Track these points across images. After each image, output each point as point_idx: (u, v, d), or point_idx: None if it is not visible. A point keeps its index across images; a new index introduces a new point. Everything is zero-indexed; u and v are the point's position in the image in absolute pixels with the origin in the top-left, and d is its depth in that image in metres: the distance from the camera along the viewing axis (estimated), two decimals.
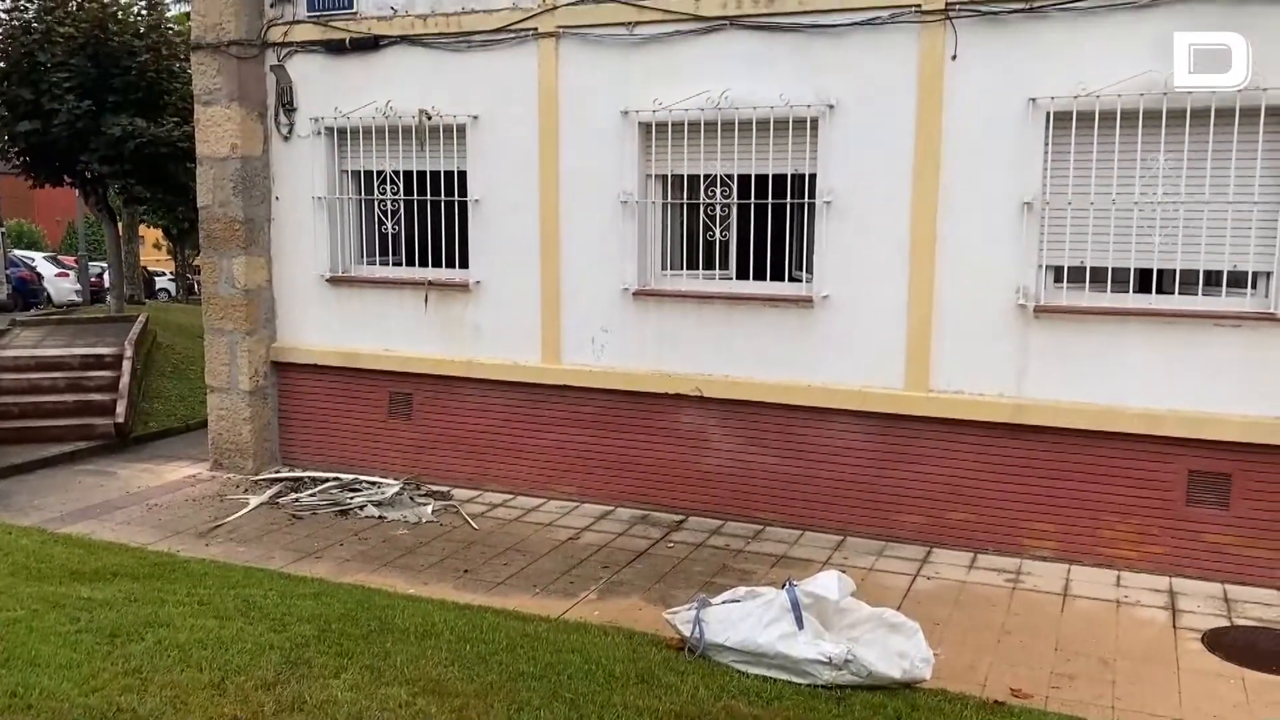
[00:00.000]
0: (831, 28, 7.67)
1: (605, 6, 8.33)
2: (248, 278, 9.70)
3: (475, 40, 8.83)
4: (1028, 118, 7.14)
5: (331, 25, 9.30)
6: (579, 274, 8.71)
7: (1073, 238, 7.18)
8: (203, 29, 9.49)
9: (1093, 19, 6.93)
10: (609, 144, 8.44)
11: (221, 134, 9.52)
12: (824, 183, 7.81)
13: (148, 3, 15.75)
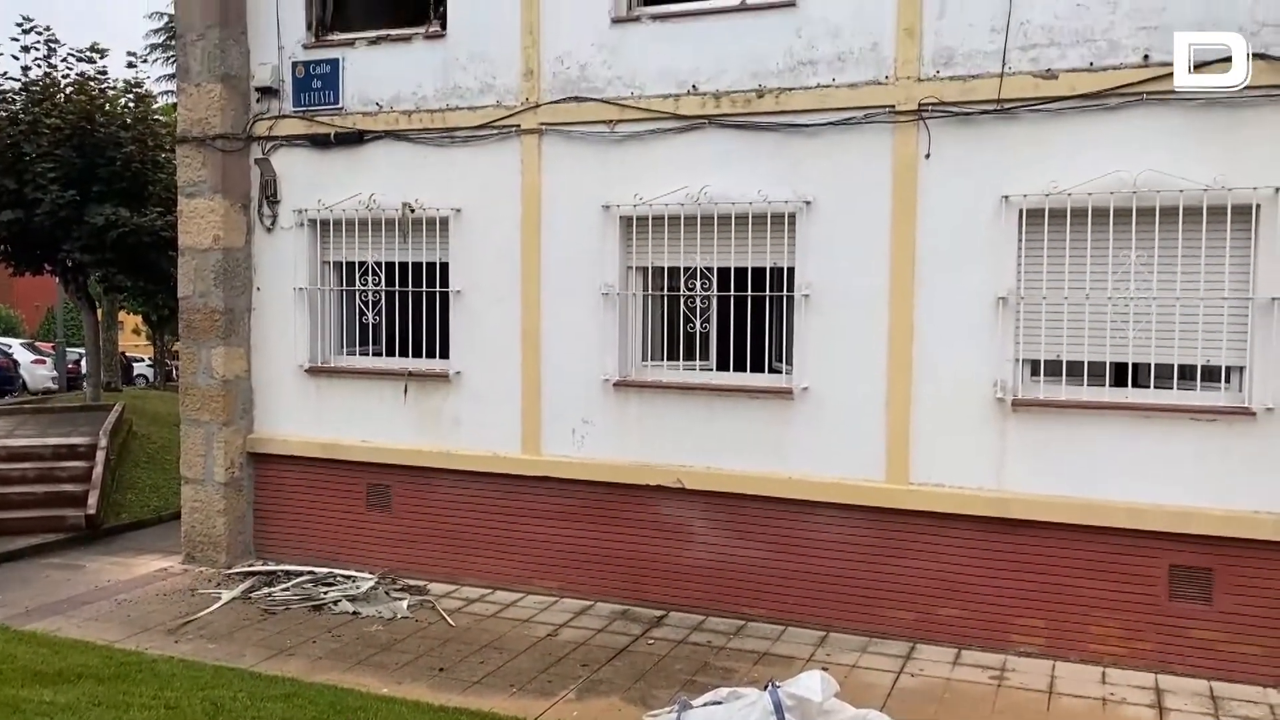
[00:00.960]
0: (807, 127, 7.84)
1: (587, 105, 8.50)
2: (226, 368, 9.66)
3: (459, 136, 8.97)
4: (1001, 214, 7.28)
5: (317, 120, 9.44)
6: (560, 365, 8.72)
7: (1048, 332, 7.26)
8: (189, 123, 9.61)
9: (1062, 120, 7.12)
10: (590, 237, 8.54)
11: (204, 225, 9.57)
12: (802, 276, 7.90)
13: (135, 95, 15.93)
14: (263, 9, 9.60)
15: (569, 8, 8.50)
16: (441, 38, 9.02)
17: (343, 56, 9.36)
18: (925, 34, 7.45)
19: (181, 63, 9.70)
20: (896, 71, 7.54)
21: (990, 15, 7.26)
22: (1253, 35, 6.63)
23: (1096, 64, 7.01)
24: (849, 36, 7.68)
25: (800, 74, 7.86)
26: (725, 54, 8.08)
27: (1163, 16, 6.84)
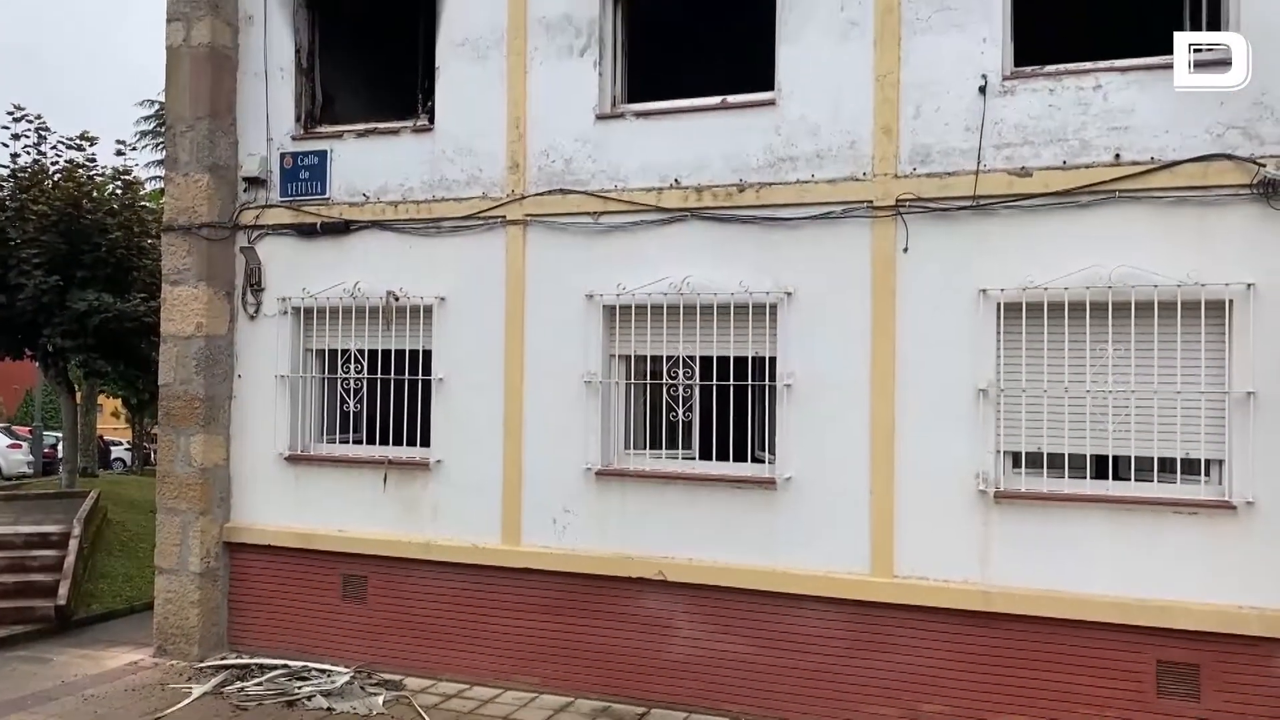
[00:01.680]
0: (788, 220, 7.96)
1: (571, 197, 8.62)
2: (205, 456, 9.57)
3: (445, 226, 9.06)
4: (979, 308, 7.37)
5: (304, 210, 9.53)
6: (541, 453, 8.68)
7: (1029, 424, 7.30)
8: (176, 211, 9.68)
9: (1037, 216, 7.27)
10: (573, 325, 8.58)
11: (187, 313, 9.58)
12: (784, 366, 7.94)
13: (123, 182, 16.06)
14: (253, 101, 9.76)
15: (555, 105, 8.68)
16: (429, 131, 9.18)
17: (331, 148, 9.50)
18: (902, 133, 7.63)
19: (170, 152, 9.80)
20: (874, 168, 7.71)
21: (965, 115, 7.46)
22: (1218, 137, 6.84)
23: (1069, 162, 7.19)
24: (827, 134, 7.86)
25: (780, 169, 8.02)
26: (707, 149, 8.24)
27: (1132, 118, 7.05)
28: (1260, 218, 6.74)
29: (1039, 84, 7.32)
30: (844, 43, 7.83)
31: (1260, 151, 6.75)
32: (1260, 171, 6.68)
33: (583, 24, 8.61)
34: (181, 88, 9.66)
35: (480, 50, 8.96)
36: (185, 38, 9.61)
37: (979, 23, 7.45)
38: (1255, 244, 6.76)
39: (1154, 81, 7.03)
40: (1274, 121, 6.74)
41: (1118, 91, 7.10)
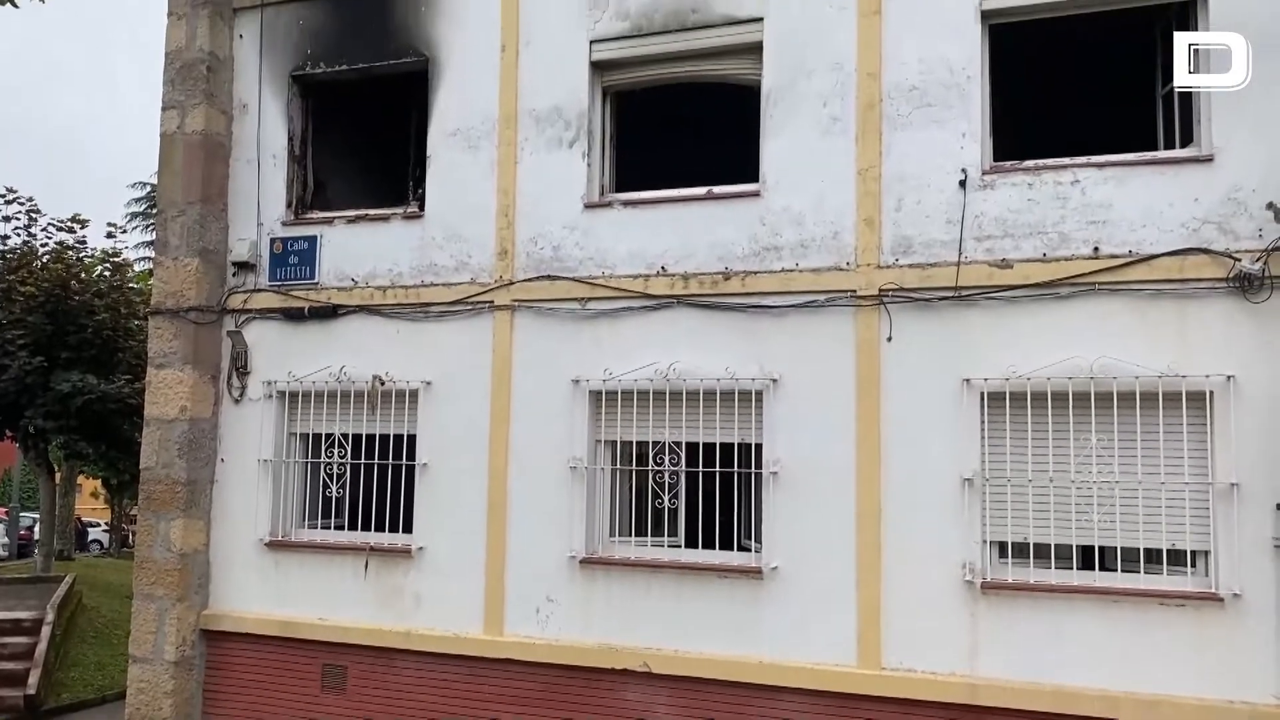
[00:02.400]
0: (773, 308, 8.04)
1: (559, 283, 8.70)
2: (184, 541, 9.44)
3: (433, 311, 9.11)
4: (963, 397, 7.42)
5: (292, 294, 9.58)
6: (525, 540, 8.60)
7: (1014, 514, 7.30)
8: (163, 295, 9.71)
9: (1018, 306, 7.36)
10: (559, 411, 8.58)
11: (172, 396, 9.54)
12: (770, 453, 7.94)
13: (112, 265, 16.16)
14: (245, 187, 9.88)
15: (544, 194, 8.81)
16: (419, 218, 9.28)
17: (321, 234, 9.59)
18: (884, 224, 7.77)
19: (160, 236, 9.88)
20: (857, 258, 7.82)
21: (945, 208, 7.60)
22: (1194, 232, 6.99)
23: (1049, 255, 7.32)
24: (811, 225, 7.99)
25: (765, 258, 8.13)
26: (693, 238, 8.36)
27: (1110, 213, 7.20)
28: (1238, 311, 6.86)
29: (1018, 179, 7.48)
30: (827, 137, 8.01)
31: (1235, 246, 6.89)
32: (1235, 266, 6.81)
33: (572, 116, 8.79)
34: (174, 174, 9.78)
35: (472, 140, 9.12)
36: (180, 125, 9.76)
37: (958, 119, 7.64)
38: (1234, 337, 6.86)
39: (1130, 177, 7.20)
40: (1247, 217, 6.90)
41: (1095, 187, 7.27)
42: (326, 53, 9.71)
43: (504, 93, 9.03)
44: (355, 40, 9.60)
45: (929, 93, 7.72)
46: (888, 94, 7.83)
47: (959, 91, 7.64)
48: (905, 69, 7.79)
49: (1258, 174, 6.90)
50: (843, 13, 7.99)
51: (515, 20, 9.01)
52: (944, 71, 7.68)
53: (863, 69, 7.90)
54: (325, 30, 9.73)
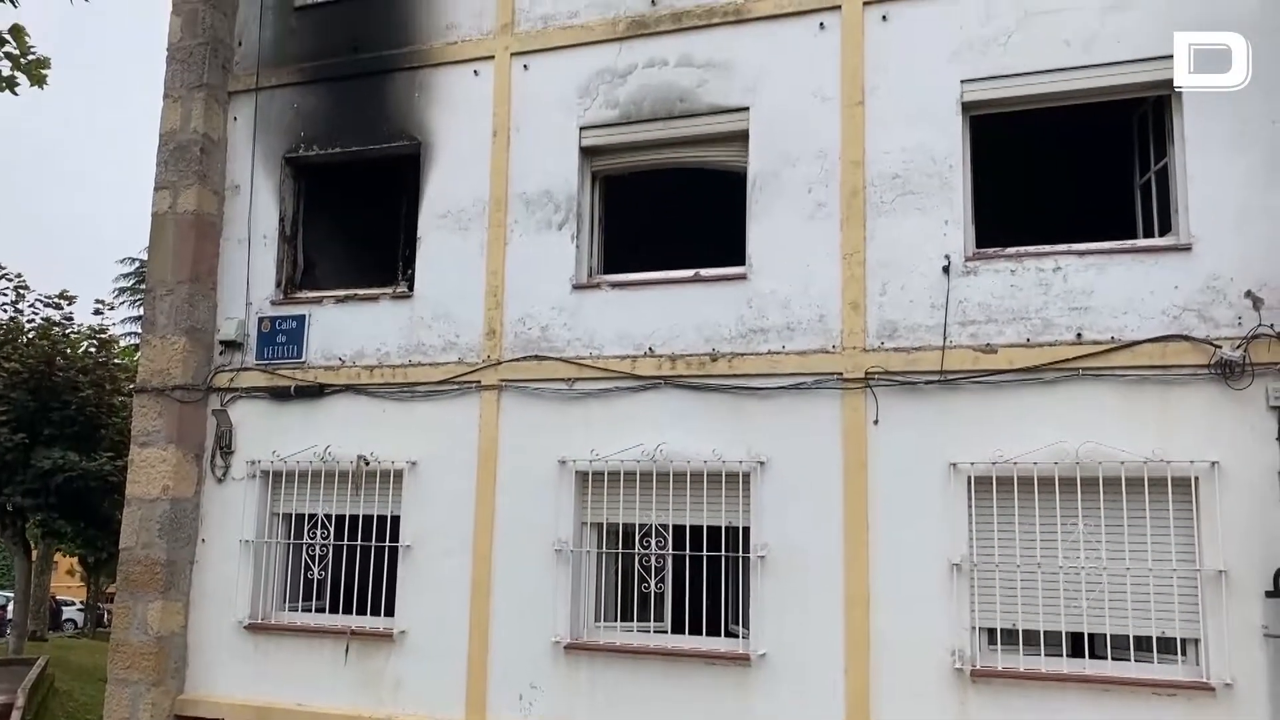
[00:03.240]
0: (760, 390, 8.07)
1: (547, 364, 8.72)
2: (162, 623, 9.27)
3: (420, 391, 9.10)
4: (950, 481, 7.42)
5: (278, 373, 9.57)
6: (509, 625, 8.47)
7: (1003, 600, 7.24)
8: (149, 374, 9.69)
9: (1003, 391, 7.41)
10: (545, 492, 8.53)
11: (154, 475, 9.46)
12: (757, 537, 7.89)
13: (98, 341, 16.14)
14: (234, 266, 9.93)
15: (533, 275, 8.89)
16: (408, 298, 9.33)
17: (309, 313, 9.62)
18: (869, 308, 7.84)
19: (148, 315, 9.88)
20: (843, 341, 7.88)
21: (930, 293, 7.69)
22: (1175, 319, 7.08)
23: (1033, 340, 7.39)
24: (797, 308, 8.06)
25: (752, 340, 8.18)
26: (681, 320, 8.41)
27: (1092, 299, 7.30)
28: (1221, 397, 6.91)
29: (1001, 265, 7.59)
30: (812, 222, 8.12)
31: (1215, 333, 6.98)
32: (1216, 353, 6.89)
33: (562, 200, 8.91)
34: (164, 253, 9.83)
35: (462, 222, 9.22)
36: (171, 205, 9.85)
37: (940, 206, 7.77)
38: (1217, 423, 6.90)
39: (1111, 265, 7.32)
40: (1226, 305, 7.00)
41: (1077, 273, 7.38)
42: (320, 136, 9.86)
43: (495, 176, 9.15)
44: (349, 124, 9.75)
45: (912, 181, 7.86)
46: (871, 181, 7.97)
47: (941, 180, 7.79)
48: (888, 158, 7.94)
49: (1235, 263, 7.01)
50: (826, 103, 8.17)
51: (507, 107, 9.18)
52: (926, 160, 7.84)
53: (846, 157, 8.06)
54: (319, 114, 9.89)
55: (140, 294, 32.49)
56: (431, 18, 9.58)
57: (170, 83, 10.07)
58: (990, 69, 7.77)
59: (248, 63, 10.20)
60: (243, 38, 10.28)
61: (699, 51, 8.66)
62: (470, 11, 9.46)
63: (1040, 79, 7.66)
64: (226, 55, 10.21)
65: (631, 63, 8.86)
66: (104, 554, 23.19)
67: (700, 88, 8.62)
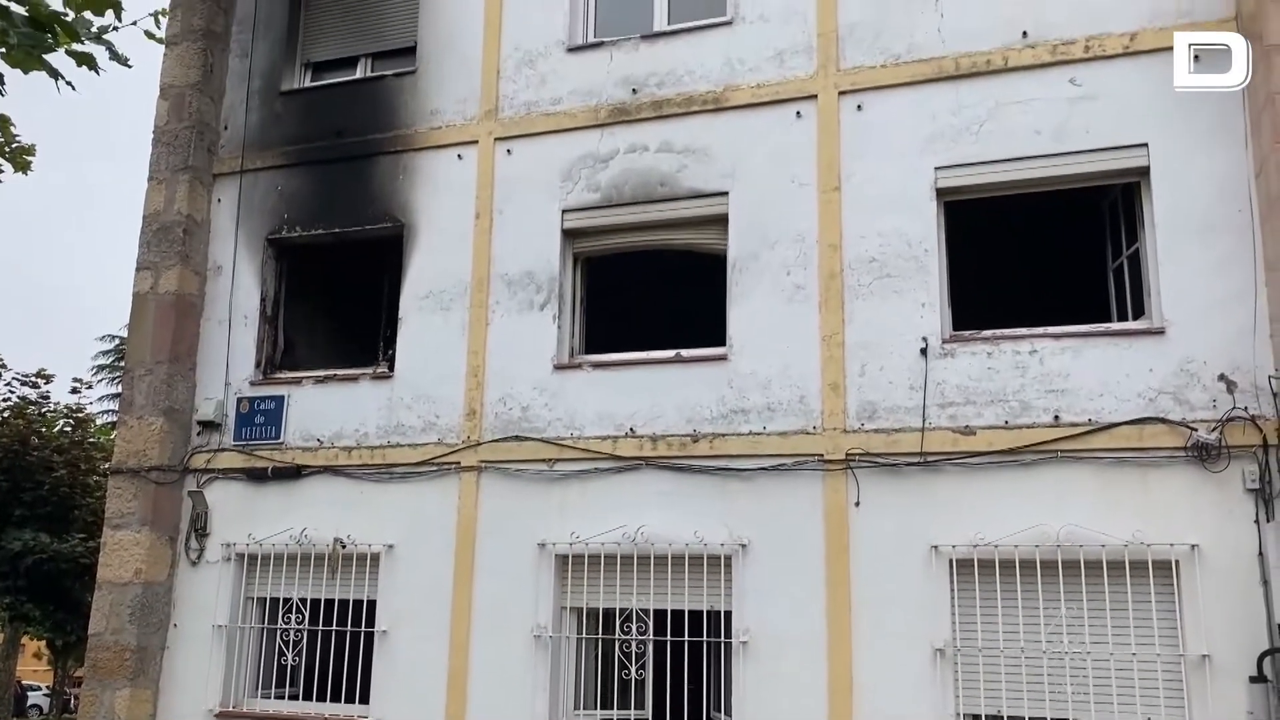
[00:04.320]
0: (742, 471, 8.05)
1: (527, 444, 8.69)
2: (130, 712, 9.01)
3: (398, 472, 9.04)
4: (932, 564, 7.38)
5: (256, 454, 9.48)
6: (486, 713, 8.27)
7: (987, 685, 7.16)
8: (125, 454, 9.58)
9: (983, 473, 7.42)
10: (524, 575, 8.42)
11: (127, 558, 9.29)
12: (739, 622, 7.80)
13: (75, 420, 15.98)
14: (214, 347, 9.90)
15: (514, 355, 8.90)
16: (388, 379, 9.32)
17: (289, 394, 9.58)
18: (849, 389, 7.88)
19: (126, 395, 9.82)
20: (824, 422, 7.90)
21: (908, 375, 7.75)
22: (1150, 401, 7.15)
23: (1011, 422, 7.43)
24: (778, 389, 8.09)
25: (733, 421, 8.19)
26: (662, 400, 8.42)
27: (1068, 381, 7.37)
28: (1199, 480, 6.94)
29: (978, 347, 7.66)
30: (791, 304, 8.20)
31: (1191, 416, 7.04)
32: (1193, 435, 6.94)
33: (544, 280, 8.97)
34: (144, 333, 9.80)
35: (444, 302, 9.26)
36: (153, 285, 9.85)
37: (917, 289, 7.87)
38: (1196, 506, 6.92)
39: (1086, 348, 7.40)
40: (1201, 388, 7.07)
41: (1053, 356, 7.45)
42: (303, 217, 9.93)
43: (477, 257, 9.22)
44: (332, 206, 9.84)
45: (889, 264, 7.97)
46: (849, 265, 8.08)
47: (918, 264, 7.90)
48: (865, 242, 8.06)
49: (1208, 347, 7.10)
50: (803, 189, 8.31)
51: (490, 190, 9.29)
52: (902, 245, 7.96)
53: (824, 240, 8.17)
54: (303, 196, 9.97)
55: (119, 371, 32.30)
56: (416, 103, 9.74)
57: (155, 165, 10.15)
58: (963, 156, 7.94)
59: (233, 146, 10.31)
60: (228, 122, 10.41)
61: (679, 138, 8.82)
62: (455, 98, 9.63)
63: (1012, 166, 7.83)
64: (212, 139, 10.32)
65: (613, 148, 9.00)
66: (73, 637, 22.60)
67: (680, 172, 8.76)
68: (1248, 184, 7.19)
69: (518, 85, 9.44)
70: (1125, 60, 7.67)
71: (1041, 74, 7.85)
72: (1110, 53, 7.69)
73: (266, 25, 10.52)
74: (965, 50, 8.07)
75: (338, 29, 10.54)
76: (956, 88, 8.05)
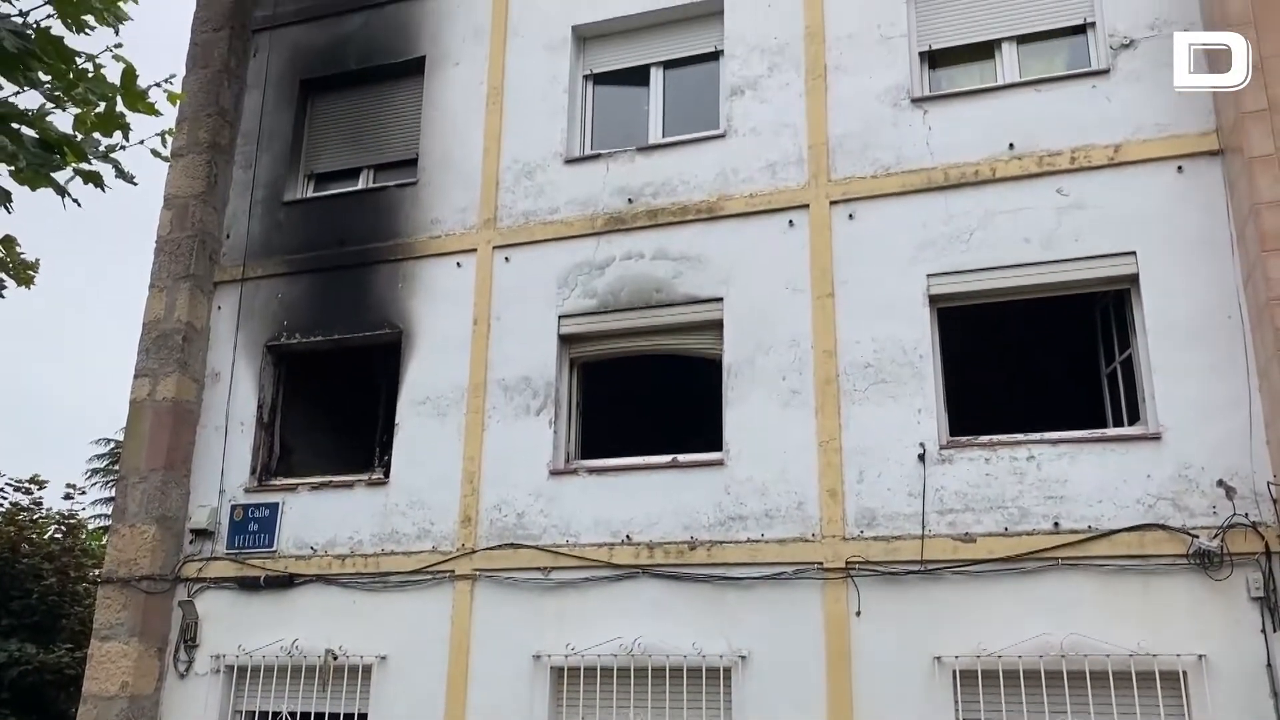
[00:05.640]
0: (740, 580, 7.95)
1: (523, 552, 8.60)
2: None
3: (391, 581, 8.92)
4: (935, 675, 7.25)
5: (248, 563, 9.37)
6: None
7: None
8: (116, 563, 9.46)
9: (984, 582, 7.34)
10: (520, 689, 8.25)
11: (114, 671, 9.09)
12: None
13: (66, 527, 15.77)
14: (210, 454, 9.87)
15: (510, 461, 8.87)
16: (384, 485, 9.27)
17: (283, 500, 9.51)
18: (847, 496, 7.84)
19: (119, 503, 9.74)
20: (823, 530, 7.84)
21: (906, 481, 7.72)
22: (1149, 508, 7.11)
23: (1011, 529, 7.38)
24: (776, 495, 8.05)
25: (731, 528, 8.12)
26: (659, 506, 8.37)
27: (1066, 488, 7.34)
28: (1202, 588, 6.86)
29: (975, 453, 7.65)
30: (787, 409, 8.22)
31: (1191, 522, 6.99)
32: (1194, 543, 6.88)
33: (540, 386, 9.00)
34: (140, 440, 9.78)
35: (440, 408, 9.27)
36: (150, 392, 9.87)
37: (913, 395, 7.89)
38: (1201, 614, 6.83)
39: (1083, 454, 7.39)
40: (1199, 494, 7.04)
41: (1050, 462, 7.44)
42: (303, 324, 10.01)
43: (474, 363, 9.27)
44: (332, 313, 9.93)
45: (884, 369, 8.01)
46: (844, 370, 8.12)
47: (913, 369, 7.94)
48: (860, 347, 8.12)
49: (1205, 452, 7.10)
50: (798, 295, 8.41)
51: (488, 296, 9.39)
52: (897, 350, 8.02)
53: (819, 346, 8.23)
54: (303, 303, 10.07)
55: (113, 475, 32.04)
56: (417, 213, 9.91)
57: (157, 274, 10.27)
58: (954, 264, 8.06)
59: (235, 254, 10.45)
60: (231, 230, 10.58)
61: (674, 245, 8.95)
62: (455, 207, 9.81)
63: (1002, 274, 7.95)
64: (214, 247, 10.47)
65: (609, 255, 9.13)
66: None
67: (676, 279, 8.87)
68: (1236, 291, 7.28)
69: (516, 195, 9.62)
70: (1110, 171, 7.84)
71: (1029, 184, 8.02)
72: (1096, 164, 7.87)
73: (271, 138, 10.76)
74: (953, 161, 8.26)
75: (341, 142, 10.79)
76: (946, 197, 8.21)
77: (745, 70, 9.14)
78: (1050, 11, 8.54)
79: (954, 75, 8.84)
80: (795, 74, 8.95)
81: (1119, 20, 8.12)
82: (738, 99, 9.10)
